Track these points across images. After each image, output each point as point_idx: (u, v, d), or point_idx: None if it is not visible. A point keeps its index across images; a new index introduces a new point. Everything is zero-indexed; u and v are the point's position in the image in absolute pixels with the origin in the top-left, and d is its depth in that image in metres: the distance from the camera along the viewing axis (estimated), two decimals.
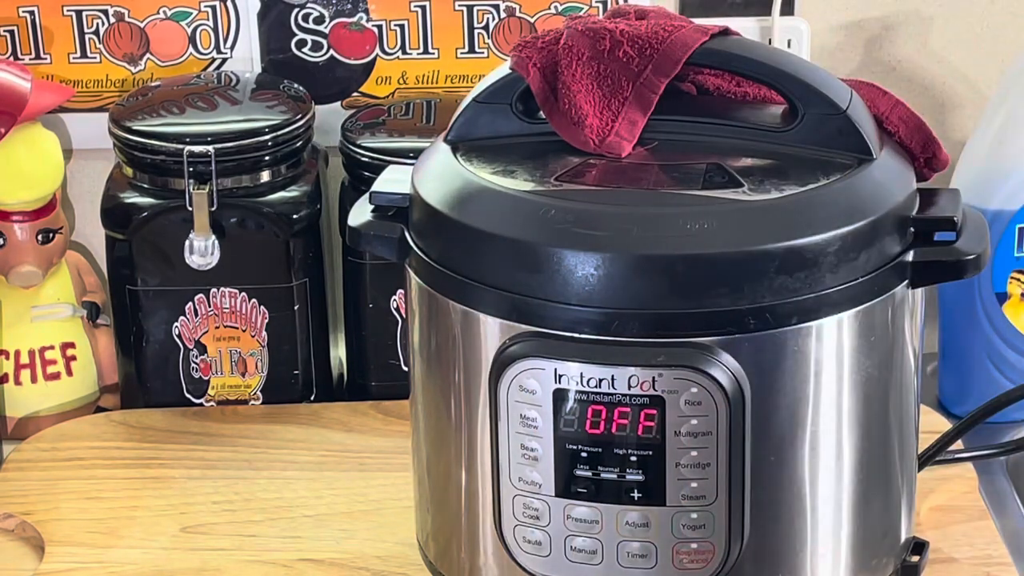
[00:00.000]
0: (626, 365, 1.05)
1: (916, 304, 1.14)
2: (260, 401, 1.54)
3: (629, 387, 1.06)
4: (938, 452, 1.28)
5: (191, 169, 1.46)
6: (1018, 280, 1.52)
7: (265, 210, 1.49)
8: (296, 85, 1.57)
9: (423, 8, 1.60)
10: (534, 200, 1.09)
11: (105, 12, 1.61)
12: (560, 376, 1.07)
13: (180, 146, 1.46)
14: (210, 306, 1.50)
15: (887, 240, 1.10)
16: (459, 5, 1.60)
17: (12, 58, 1.61)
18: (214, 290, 1.50)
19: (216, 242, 1.47)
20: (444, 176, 1.14)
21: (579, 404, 1.07)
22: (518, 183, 1.11)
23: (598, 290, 1.05)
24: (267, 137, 1.49)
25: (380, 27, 1.61)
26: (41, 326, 1.57)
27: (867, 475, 1.14)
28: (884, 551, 1.18)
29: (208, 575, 1.30)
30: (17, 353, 1.56)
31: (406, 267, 1.17)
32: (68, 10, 1.61)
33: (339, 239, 1.57)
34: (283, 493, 1.40)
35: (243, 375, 1.53)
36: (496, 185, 1.11)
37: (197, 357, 1.52)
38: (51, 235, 1.55)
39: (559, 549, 1.11)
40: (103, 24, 1.61)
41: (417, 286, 1.15)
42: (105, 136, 1.52)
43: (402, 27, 1.61)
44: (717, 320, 1.05)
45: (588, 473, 1.08)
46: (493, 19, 1.60)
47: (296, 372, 1.53)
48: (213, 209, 1.46)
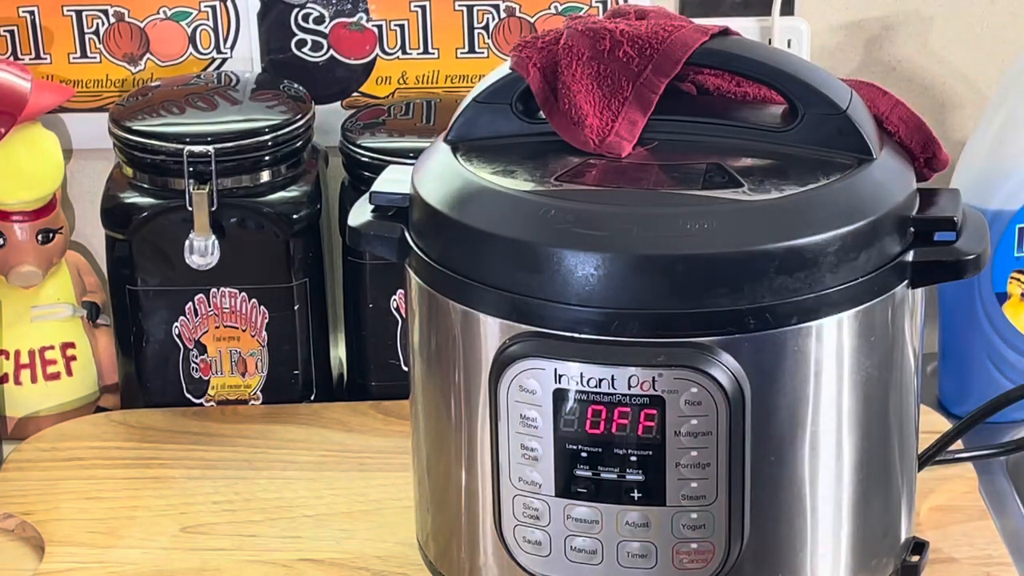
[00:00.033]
0: (626, 365, 1.05)
1: (916, 304, 1.14)
2: (260, 401, 1.54)
3: (629, 387, 1.06)
4: (938, 452, 1.28)
5: (191, 169, 1.46)
6: (1018, 280, 1.52)
7: (265, 210, 1.49)
8: (296, 85, 1.57)
9: (423, 8, 1.60)
10: (534, 200, 1.09)
11: (105, 12, 1.61)
12: (560, 376, 1.07)
13: (180, 146, 1.46)
14: (210, 306, 1.50)
15: (887, 240, 1.10)
16: (459, 5, 1.60)
17: (12, 58, 1.61)
18: (214, 290, 1.50)
19: (216, 242, 1.47)
20: (444, 176, 1.14)
21: (579, 404, 1.07)
22: (518, 183, 1.11)
23: (598, 290, 1.05)
24: (267, 137, 1.49)
25: (380, 27, 1.61)
26: (41, 326, 1.56)
27: (867, 475, 1.14)
28: (884, 551, 1.18)
29: (208, 575, 1.30)
30: (17, 353, 1.56)
31: (406, 267, 1.17)
32: (68, 10, 1.61)
33: (339, 239, 1.57)
34: (283, 493, 1.40)
35: (243, 375, 1.53)
36: (496, 185, 1.11)
37: (197, 357, 1.52)
38: (51, 235, 1.54)
39: (559, 549, 1.11)
40: (103, 24, 1.61)
41: (417, 286, 1.15)
42: (105, 136, 1.52)
43: (402, 27, 1.61)
44: (717, 320, 1.05)
45: (588, 473, 1.08)
46: (493, 19, 1.60)
47: (296, 372, 1.53)
48: (213, 209, 1.46)
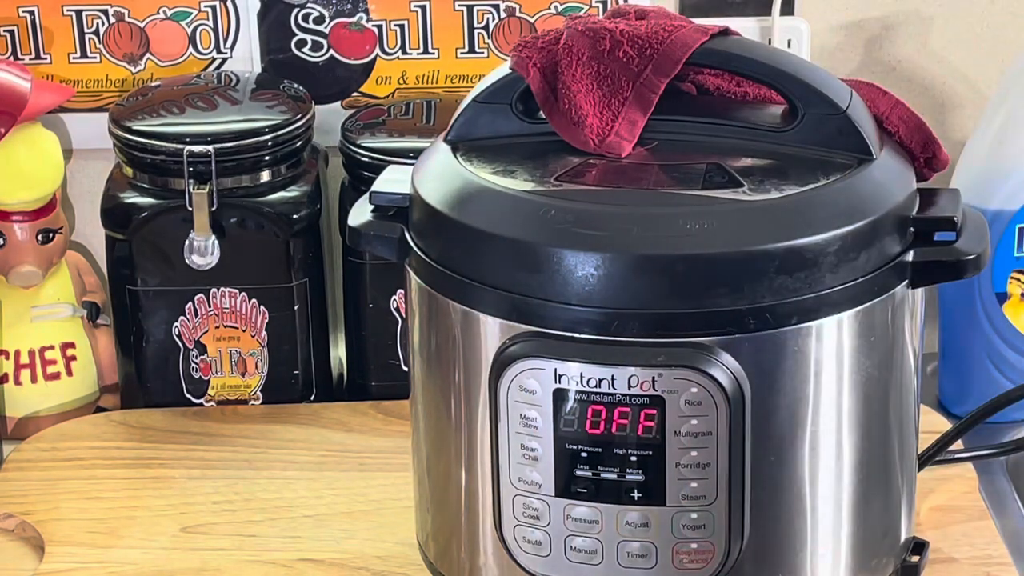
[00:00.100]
0: (626, 365, 1.05)
1: (916, 304, 1.14)
2: (260, 401, 1.54)
3: (629, 387, 1.06)
4: (938, 452, 1.28)
5: (191, 169, 1.46)
6: (1018, 280, 1.52)
7: (265, 210, 1.49)
8: (296, 85, 1.57)
9: (423, 8, 1.60)
10: (534, 200, 1.09)
11: (105, 12, 1.61)
12: (560, 376, 1.07)
13: (180, 146, 1.46)
14: (210, 306, 1.50)
15: (887, 240, 1.09)
16: (459, 5, 1.60)
17: (12, 58, 1.61)
18: (214, 290, 1.50)
19: (216, 242, 1.47)
20: (444, 176, 1.14)
21: (579, 404, 1.07)
22: (518, 183, 1.11)
23: (598, 290, 1.05)
24: (267, 137, 1.49)
25: (380, 27, 1.61)
26: (41, 326, 1.56)
27: (867, 475, 1.14)
28: (884, 551, 1.18)
29: (208, 575, 1.30)
30: (17, 353, 1.56)
31: (406, 267, 1.16)
32: (68, 10, 1.61)
33: (339, 239, 1.57)
34: (283, 493, 1.40)
35: (243, 375, 1.53)
36: (496, 185, 1.11)
37: (197, 357, 1.52)
38: (51, 235, 1.54)
39: (559, 549, 1.11)
40: (103, 24, 1.61)
41: (417, 286, 1.15)
42: (105, 136, 1.52)
43: (402, 27, 1.61)
44: (717, 320, 1.05)
45: (588, 473, 1.08)
46: (493, 19, 1.60)
47: (296, 372, 1.53)
48: (213, 209, 1.46)
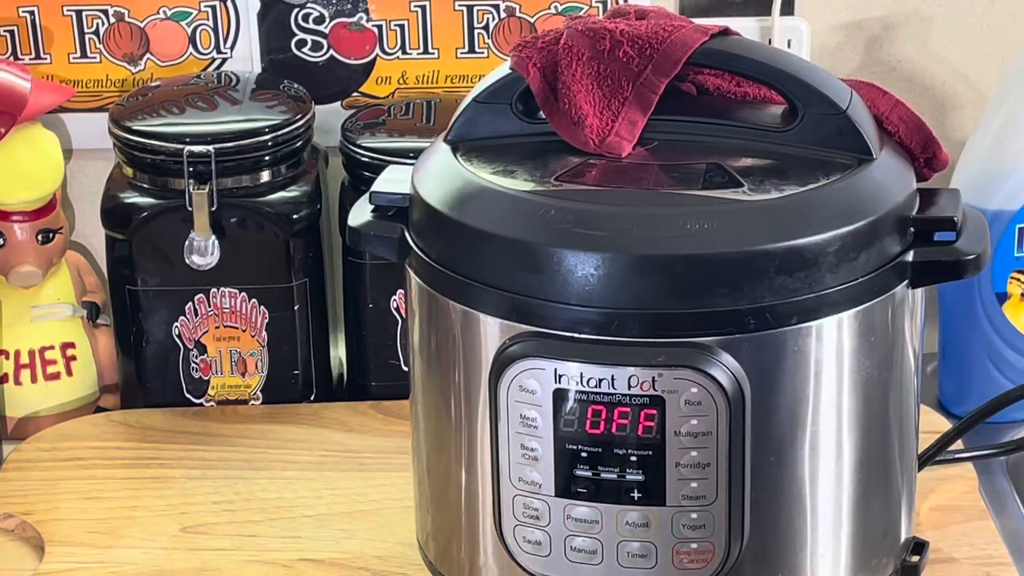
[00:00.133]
0: (626, 365, 1.05)
1: (916, 304, 1.14)
2: (260, 401, 1.54)
3: (629, 387, 1.06)
4: (938, 452, 1.28)
5: (191, 169, 1.46)
6: (1018, 280, 1.52)
7: (265, 210, 1.49)
8: (296, 85, 1.57)
9: (423, 8, 1.60)
10: (534, 200, 1.09)
11: (105, 12, 1.61)
12: (560, 376, 1.07)
13: (180, 146, 1.46)
14: (210, 306, 1.50)
15: (887, 240, 1.09)
16: (459, 5, 1.60)
17: (12, 58, 1.61)
18: (214, 290, 1.50)
19: (216, 242, 1.47)
20: (444, 176, 1.14)
21: (579, 404, 1.07)
22: (518, 183, 1.11)
23: (598, 290, 1.05)
24: (267, 137, 1.49)
25: (380, 27, 1.61)
26: (41, 326, 1.56)
27: (867, 475, 1.14)
28: (884, 551, 1.18)
29: (208, 575, 1.30)
30: (17, 353, 1.56)
31: (406, 267, 1.16)
32: (68, 10, 1.61)
33: (339, 239, 1.57)
34: (283, 493, 1.40)
35: (243, 375, 1.53)
36: (496, 185, 1.11)
37: (197, 357, 1.52)
38: (51, 235, 1.54)
39: (559, 549, 1.11)
40: (103, 24, 1.61)
41: (417, 286, 1.15)
42: (105, 136, 1.52)
43: (402, 27, 1.61)
44: (717, 320, 1.05)
45: (588, 473, 1.08)
46: (493, 19, 1.60)
47: (296, 372, 1.53)
48: (213, 209, 1.46)
